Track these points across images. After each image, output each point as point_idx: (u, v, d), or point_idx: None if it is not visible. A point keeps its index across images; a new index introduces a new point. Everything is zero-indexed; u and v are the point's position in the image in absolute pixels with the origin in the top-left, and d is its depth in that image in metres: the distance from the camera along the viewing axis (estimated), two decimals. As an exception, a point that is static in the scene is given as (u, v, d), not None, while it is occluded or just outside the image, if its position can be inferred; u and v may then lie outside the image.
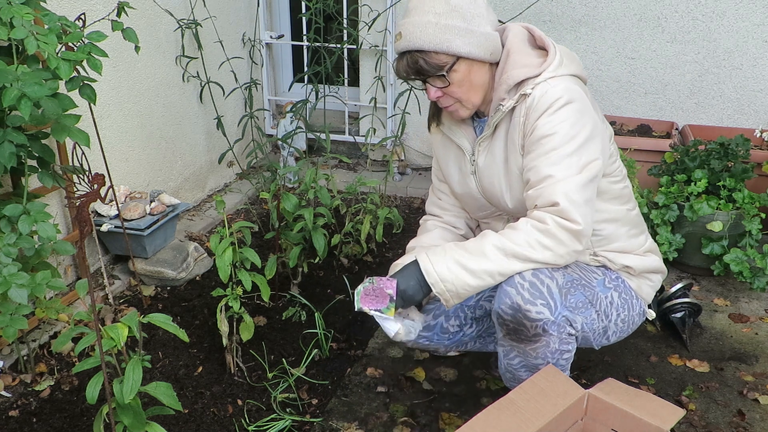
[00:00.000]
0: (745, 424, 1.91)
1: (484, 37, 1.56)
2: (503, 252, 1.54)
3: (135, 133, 2.77)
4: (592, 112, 1.59)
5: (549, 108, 1.53)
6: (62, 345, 1.47)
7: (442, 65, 1.55)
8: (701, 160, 2.62)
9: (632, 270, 1.76)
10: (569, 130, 1.53)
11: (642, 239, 1.79)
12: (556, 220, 1.51)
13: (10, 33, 1.65)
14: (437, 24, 1.52)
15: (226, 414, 1.94)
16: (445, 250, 1.58)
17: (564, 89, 1.54)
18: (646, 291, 1.80)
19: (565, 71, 1.59)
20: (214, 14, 3.09)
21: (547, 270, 1.60)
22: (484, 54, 1.57)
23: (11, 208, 1.70)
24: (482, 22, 1.56)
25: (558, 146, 1.53)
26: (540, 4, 3.16)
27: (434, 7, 1.53)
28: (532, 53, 1.61)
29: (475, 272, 1.54)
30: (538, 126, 1.54)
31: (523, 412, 1.58)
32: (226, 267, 1.94)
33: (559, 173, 1.52)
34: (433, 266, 1.56)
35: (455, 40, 1.53)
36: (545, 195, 1.53)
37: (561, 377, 1.69)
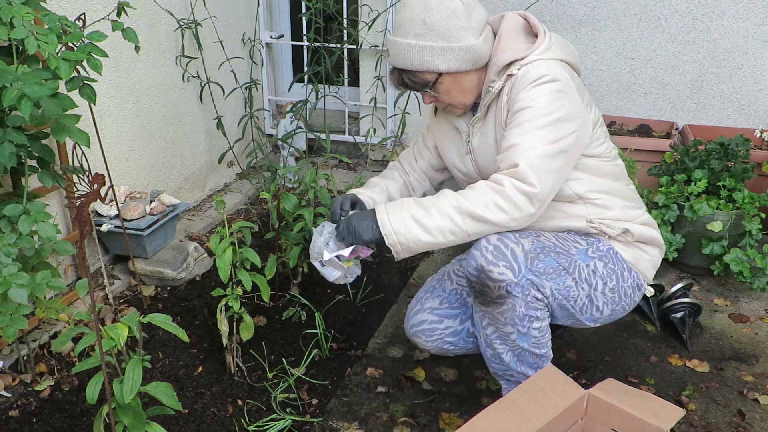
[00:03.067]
0: (745, 424, 1.91)
1: (464, 51, 1.61)
2: (458, 210, 1.58)
3: (135, 133, 2.77)
4: (573, 95, 1.62)
5: (530, 83, 1.58)
6: (62, 345, 1.47)
7: (426, 82, 1.65)
8: (701, 160, 2.62)
9: (630, 235, 1.76)
10: (545, 105, 1.57)
11: (639, 212, 1.81)
12: (513, 182, 1.55)
13: (10, 33, 1.65)
14: (416, 46, 1.59)
15: (226, 414, 1.94)
16: (403, 204, 1.64)
17: (547, 68, 1.59)
18: (644, 265, 1.80)
19: (552, 55, 1.63)
20: (214, 14, 3.09)
21: (513, 236, 1.65)
22: (466, 66, 1.63)
23: (11, 208, 1.70)
24: (462, 34, 1.60)
25: (531, 119, 1.57)
26: (540, 4, 3.16)
27: (413, 28, 1.59)
28: (522, 39, 1.67)
29: (429, 228, 1.59)
30: (518, 99, 1.60)
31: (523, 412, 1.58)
32: (226, 267, 1.94)
33: (526, 142, 1.56)
34: (389, 218, 1.62)
35: (435, 59, 1.60)
36: (508, 159, 1.58)
37: (561, 377, 1.70)
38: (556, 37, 1.70)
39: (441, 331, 1.90)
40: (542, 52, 1.62)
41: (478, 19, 1.63)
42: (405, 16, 1.62)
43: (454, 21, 1.59)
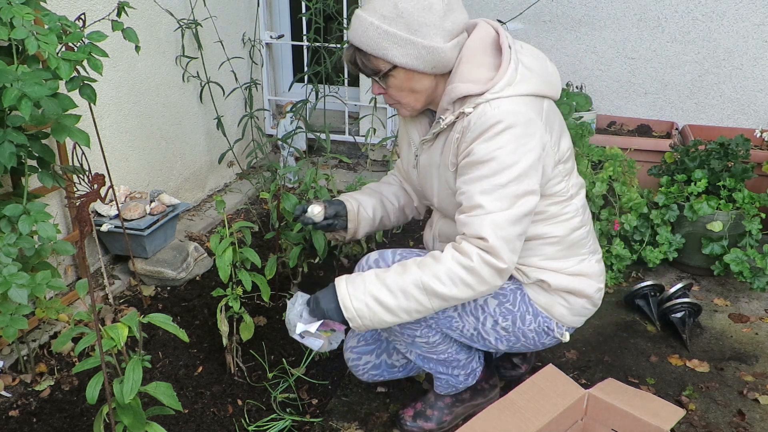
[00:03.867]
0: (745, 424, 1.91)
1: (426, 51, 1.48)
2: (423, 290, 1.49)
3: (135, 133, 2.77)
4: (536, 136, 1.48)
5: (486, 132, 1.45)
6: (62, 345, 1.47)
7: (377, 70, 1.53)
8: (701, 160, 2.62)
9: (546, 285, 1.66)
10: (506, 158, 1.45)
11: (573, 261, 1.68)
12: (482, 256, 1.46)
13: (10, 33, 1.65)
14: (378, 28, 1.46)
15: (226, 414, 1.94)
16: (365, 281, 1.53)
17: (505, 112, 1.45)
18: (560, 312, 1.69)
19: (513, 91, 1.48)
20: (214, 14, 3.09)
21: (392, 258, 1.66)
22: (424, 67, 1.50)
23: (11, 208, 1.70)
24: (431, 32, 1.46)
25: (492, 174, 1.46)
26: (540, 4, 3.16)
27: (382, 8, 1.46)
28: (486, 64, 1.51)
29: (393, 310, 1.51)
30: (474, 150, 1.47)
31: (523, 412, 1.58)
32: (226, 267, 1.94)
33: (490, 205, 1.46)
34: (352, 302, 1.52)
35: (393, 49, 1.47)
36: (474, 226, 1.47)
37: (561, 377, 1.70)
38: (527, 58, 1.55)
39: (362, 367, 1.90)
40: (502, 88, 1.47)
41: (455, 23, 1.50)
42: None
43: (427, 15, 1.45)
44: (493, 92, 1.47)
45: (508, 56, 1.50)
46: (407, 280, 1.50)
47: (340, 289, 1.54)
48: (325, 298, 1.58)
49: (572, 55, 3.28)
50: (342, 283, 1.56)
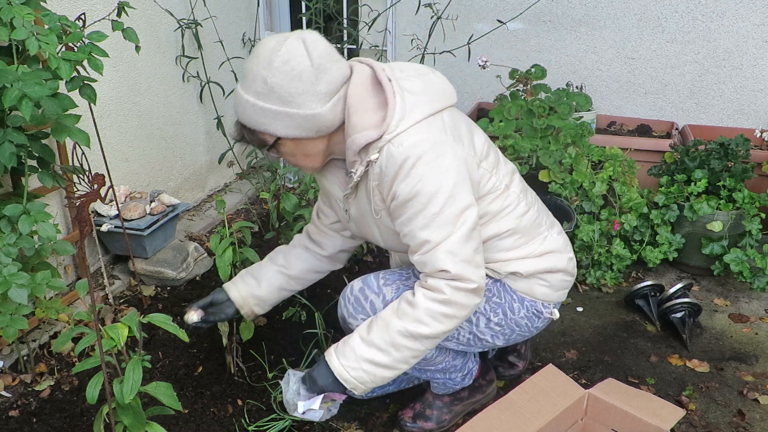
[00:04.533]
0: (745, 424, 1.91)
1: (305, 119, 1.45)
2: (411, 337, 1.50)
3: (135, 133, 2.77)
4: (448, 153, 1.47)
5: (400, 172, 1.45)
6: (62, 345, 1.47)
7: (264, 143, 1.51)
8: (701, 160, 2.62)
9: (520, 274, 1.68)
10: (429, 187, 1.44)
11: (534, 244, 1.68)
12: (451, 285, 1.47)
13: (11, 34, 1.65)
14: (254, 105, 1.45)
15: (226, 414, 1.94)
16: (354, 348, 1.53)
17: (409, 146, 1.44)
18: (541, 291, 1.70)
19: (409, 123, 1.46)
20: (214, 14, 3.09)
21: (377, 284, 1.64)
22: (308, 133, 1.48)
23: (11, 208, 1.70)
24: (306, 100, 1.43)
25: (423, 208, 1.46)
26: (540, 4, 3.16)
27: (254, 85, 1.44)
28: (372, 107, 1.49)
29: (390, 366, 1.53)
30: (397, 192, 1.47)
31: (523, 412, 1.58)
32: (226, 267, 1.94)
33: (435, 236, 1.46)
34: (349, 373, 1.53)
35: (272, 123, 1.46)
36: (430, 263, 1.48)
37: (561, 377, 1.70)
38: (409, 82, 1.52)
39: None
40: (397, 124, 1.45)
41: (329, 83, 1.45)
42: (249, 67, 1.46)
43: (298, 85, 1.42)
44: (390, 132, 1.46)
45: (391, 90, 1.48)
46: (393, 334, 1.50)
47: (333, 364, 1.55)
48: (320, 375, 1.58)
49: (572, 55, 3.28)
50: (333, 357, 1.56)
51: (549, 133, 2.72)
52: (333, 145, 1.57)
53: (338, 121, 1.50)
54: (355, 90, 1.50)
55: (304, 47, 1.43)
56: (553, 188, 2.63)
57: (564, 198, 2.60)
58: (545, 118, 2.72)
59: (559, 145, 2.66)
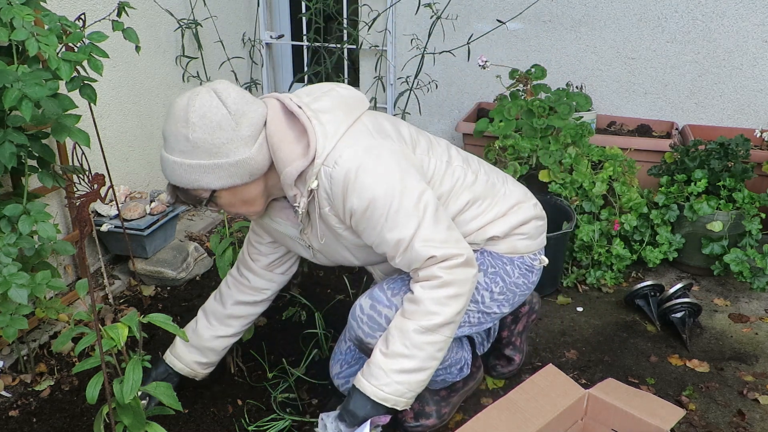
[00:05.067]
0: (745, 424, 1.91)
1: (236, 166, 1.45)
2: (430, 332, 1.50)
3: (135, 133, 2.77)
4: (383, 153, 1.49)
5: (346, 189, 1.46)
6: (62, 345, 1.47)
7: (200, 199, 1.51)
8: (701, 160, 2.62)
9: (496, 238, 1.70)
10: (379, 191, 1.45)
11: (498, 205, 1.71)
12: (443, 266, 1.48)
13: (11, 34, 1.66)
14: (182, 164, 1.44)
15: (226, 414, 1.94)
16: (380, 366, 1.52)
17: (345, 161, 1.45)
18: (523, 244, 1.73)
19: (334, 140, 1.48)
20: (214, 14, 3.10)
21: (386, 298, 1.61)
22: (242, 179, 1.48)
23: (11, 208, 1.70)
24: (232, 147, 1.43)
25: (383, 212, 1.47)
26: (540, 4, 3.16)
27: (178, 144, 1.43)
28: (293, 138, 1.49)
29: (420, 368, 1.52)
30: (353, 208, 1.48)
31: (523, 412, 1.58)
32: (226, 267, 1.94)
33: (404, 232, 1.47)
34: (384, 391, 1.51)
35: (204, 177, 1.45)
36: (415, 259, 1.49)
37: (561, 377, 1.70)
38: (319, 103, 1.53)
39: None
40: (323, 146, 1.46)
41: (250, 125, 1.46)
42: (168, 129, 1.46)
43: (220, 135, 1.42)
44: (320, 155, 1.46)
45: (304, 116, 1.49)
46: (410, 336, 1.50)
47: (366, 389, 1.53)
48: (357, 406, 1.55)
49: (572, 55, 3.28)
50: (363, 383, 1.54)
51: (549, 133, 2.72)
52: (270, 187, 1.57)
53: (268, 161, 1.50)
54: (273, 126, 1.50)
55: (216, 97, 1.44)
56: (553, 188, 2.63)
57: (564, 198, 2.61)
58: (545, 118, 2.72)
59: (559, 145, 2.66)
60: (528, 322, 2.08)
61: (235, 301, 1.89)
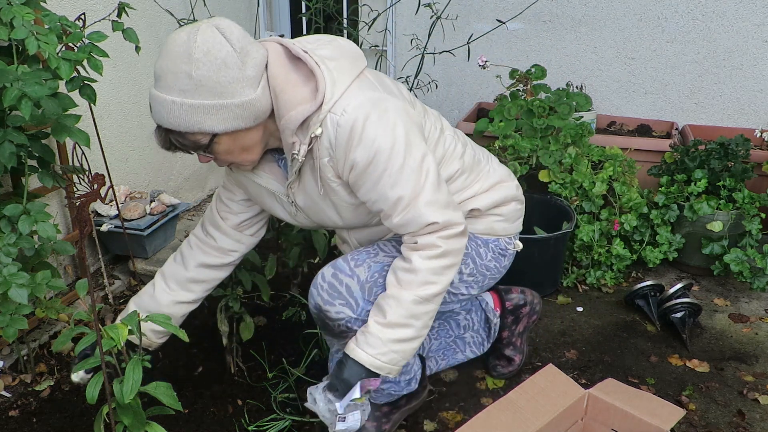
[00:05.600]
0: (745, 424, 1.91)
1: (241, 108, 1.37)
2: (426, 302, 1.49)
3: (135, 133, 2.77)
4: (390, 106, 1.45)
5: (351, 138, 1.41)
6: (62, 345, 1.47)
7: (198, 145, 1.41)
8: (701, 160, 2.62)
9: (477, 211, 1.69)
10: (384, 144, 1.41)
11: (482, 180, 1.70)
12: (443, 235, 1.46)
13: (10, 33, 1.66)
14: (182, 104, 1.33)
15: (226, 414, 1.94)
16: (377, 336, 1.49)
17: (353, 110, 1.40)
18: (501, 226, 1.73)
19: (342, 88, 1.42)
20: (214, 14, 3.09)
21: (349, 266, 1.59)
22: (246, 123, 1.40)
23: (11, 208, 1.70)
24: (237, 87, 1.35)
25: (385, 166, 1.43)
26: (540, 4, 3.16)
27: (177, 82, 1.32)
28: (299, 81, 1.43)
29: (415, 336, 1.52)
30: (355, 160, 1.43)
31: (523, 412, 1.58)
32: (226, 267, 1.94)
33: (406, 190, 1.44)
34: (381, 359, 1.50)
35: (207, 119, 1.35)
36: (415, 221, 1.46)
37: (561, 377, 1.70)
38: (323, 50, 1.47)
39: None
40: (332, 92, 1.40)
41: (255, 66, 1.38)
42: (165, 66, 1.33)
43: (226, 73, 1.33)
44: (328, 101, 1.40)
45: (312, 61, 1.43)
46: (408, 306, 1.48)
47: (362, 358, 1.51)
48: (351, 374, 1.52)
49: (572, 55, 3.28)
50: (358, 351, 1.51)
51: (549, 133, 2.72)
52: (266, 135, 1.50)
53: (270, 105, 1.43)
54: (276, 69, 1.43)
55: (220, 34, 1.35)
56: (553, 188, 2.63)
57: (564, 198, 2.61)
58: (545, 118, 2.72)
59: (559, 145, 2.66)
60: (528, 322, 2.08)
61: (198, 263, 1.78)
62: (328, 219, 1.63)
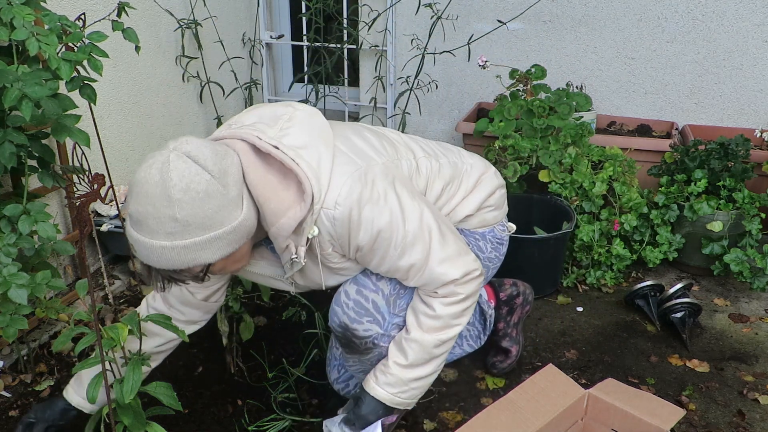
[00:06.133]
0: (745, 424, 1.91)
1: (233, 233, 1.32)
2: (445, 344, 1.57)
3: (135, 133, 2.77)
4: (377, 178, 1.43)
5: (351, 227, 1.41)
6: (62, 345, 1.47)
7: (195, 275, 1.37)
8: (701, 160, 2.62)
9: (469, 217, 1.72)
10: (383, 221, 1.42)
11: (465, 183, 1.69)
12: (462, 284, 1.52)
13: (11, 34, 1.65)
14: (173, 248, 1.27)
15: (226, 414, 1.94)
16: (398, 377, 1.55)
17: (344, 199, 1.38)
18: (492, 215, 1.76)
19: (326, 179, 1.38)
20: (214, 14, 3.09)
21: (372, 282, 1.59)
22: (239, 244, 1.35)
23: (11, 208, 1.70)
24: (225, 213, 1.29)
25: (390, 241, 1.44)
26: (540, 4, 3.16)
27: (162, 226, 1.25)
28: (279, 183, 1.36)
29: (434, 372, 1.61)
30: (361, 244, 1.44)
31: (523, 412, 1.58)
32: (226, 267, 1.93)
33: (415, 256, 1.47)
34: (401, 397, 1.58)
35: (201, 254, 1.29)
36: (432, 281, 1.50)
37: (561, 377, 1.70)
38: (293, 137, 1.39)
39: (352, 390, 1.90)
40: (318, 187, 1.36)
41: (235, 183, 1.31)
42: (144, 211, 1.26)
43: (210, 204, 1.26)
44: (318, 200, 1.36)
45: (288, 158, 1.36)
46: (430, 350, 1.56)
47: (382, 396, 1.58)
48: (369, 410, 1.59)
49: (572, 55, 3.28)
50: (378, 389, 1.57)
51: (549, 133, 2.72)
52: (254, 239, 1.46)
53: (256, 216, 1.39)
54: (252, 175, 1.36)
55: (194, 162, 1.27)
56: (553, 188, 2.63)
57: (564, 198, 2.61)
58: (545, 118, 2.72)
59: (559, 145, 2.66)
60: (522, 313, 2.10)
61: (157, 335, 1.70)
62: (334, 282, 1.64)
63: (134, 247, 1.32)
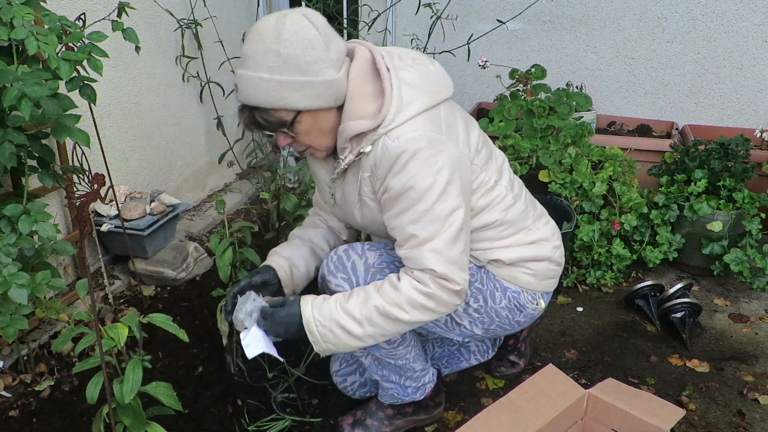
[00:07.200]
0: (745, 424, 1.91)
1: (325, 86, 1.44)
2: (387, 318, 1.50)
3: (135, 133, 2.77)
4: (443, 151, 1.46)
5: (394, 166, 1.44)
6: (62, 345, 1.47)
7: (282, 122, 1.47)
8: (701, 160, 2.62)
9: (501, 262, 1.68)
10: (422, 183, 1.44)
11: (520, 236, 1.69)
12: (437, 282, 1.48)
13: (10, 33, 1.65)
14: (270, 80, 1.40)
15: (226, 414, 1.94)
16: (331, 309, 1.53)
17: (406, 141, 1.43)
18: (525, 279, 1.70)
19: (406, 116, 1.45)
20: (214, 14, 3.09)
21: (362, 246, 1.64)
22: (327, 102, 1.46)
23: (11, 208, 1.70)
24: (322, 67, 1.42)
25: (414, 203, 1.46)
26: (540, 4, 3.16)
27: (266, 59, 1.40)
28: (370, 95, 1.48)
29: (358, 337, 1.53)
30: (390, 186, 1.47)
31: (523, 412, 1.58)
32: (226, 267, 1.94)
33: (422, 232, 1.46)
34: (317, 327, 1.53)
35: (292, 96, 1.42)
36: (417, 260, 1.48)
37: (561, 377, 1.70)
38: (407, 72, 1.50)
39: (350, 387, 1.93)
40: (393, 117, 1.44)
41: (337, 51, 1.46)
42: (255, 47, 1.41)
43: (312, 53, 1.40)
44: (386, 125, 1.44)
45: (389, 81, 1.47)
46: (370, 309, 1.50)
47: (306, 313, 1.54)
48: (288, 320, 1.56)
49: (572, 55, 3.28)
50: (308, 306, 1.55)
51: (549, 133, 2.72)
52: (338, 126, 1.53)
53: (345, 93, 1.49)
54: (355, 73, 1.49)
55: (307, 19, 1.42)
56: (553, 188, 2.63)
57: (564, 198, 2.61)
58: (545, 118, 2.72)
59: (559, 145, 2.66)
60: (532, 327, 2.09)
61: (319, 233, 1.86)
62: (352, 219, 1.68)
63: (237, 84, 1.45)
